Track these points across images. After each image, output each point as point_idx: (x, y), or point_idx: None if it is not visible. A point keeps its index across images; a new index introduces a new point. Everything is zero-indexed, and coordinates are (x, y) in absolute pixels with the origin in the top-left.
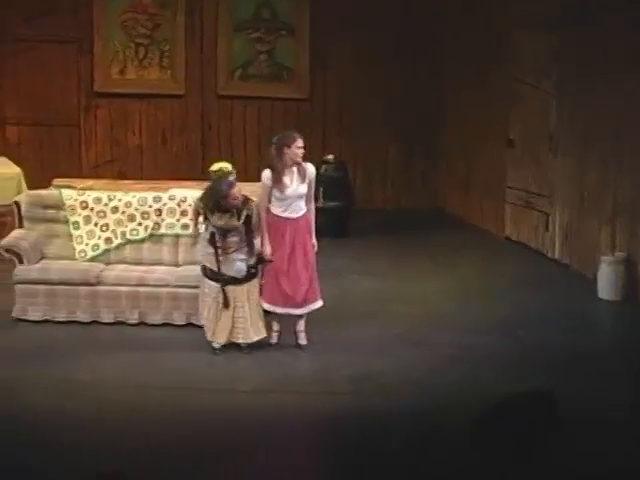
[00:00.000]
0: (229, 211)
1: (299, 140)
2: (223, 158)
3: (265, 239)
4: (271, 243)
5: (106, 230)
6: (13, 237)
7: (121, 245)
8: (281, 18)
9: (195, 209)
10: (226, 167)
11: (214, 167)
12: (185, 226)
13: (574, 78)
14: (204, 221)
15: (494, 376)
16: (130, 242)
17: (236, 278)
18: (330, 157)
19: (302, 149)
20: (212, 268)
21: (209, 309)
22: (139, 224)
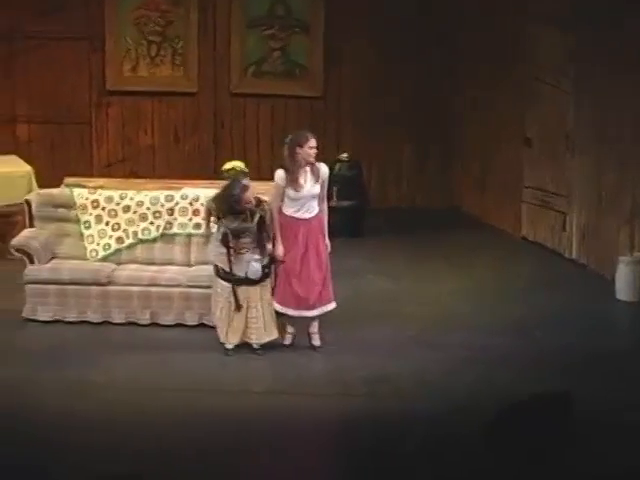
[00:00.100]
0: (242, 213)
1: (312, 140)
2: (236, 157)
3: (277, 240)
4: (284, 244)
5: (117, 229)
6: (24, 236)
7: (133, 245)
8: (295, 15)
9: (207, 209)
10: (239, 166)
11: (227, 166)
12: (197, 225)
13: (592, 77)
14: (216, 222)
15: (510, 378)
16: (142, 242)
17: (248, 279)
18: (344, 156)
19: (315, 149)
20: (224, 268)
21: (222, 309)
22: (151, 223)
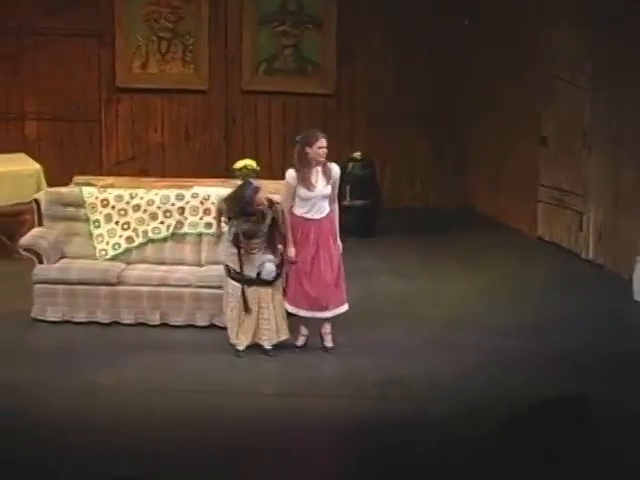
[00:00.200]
0: (254, 215)
1: (321, 140)
2: (247, 155)
3: (289, 240)
4: (295, 244)
5: (127, 229)
6: (32, 236)
7: (143, 244)
8: (307, 11)
9: (218, 209)
10: (250, 164)
11: (238, 165)
12: (208, 225)
13: (609, 73)
14: (227, 222)
15: (524, 380)
16: (152, 241)
17: (260, 279)
18: (357, 154)
19: (325, 149)
20: (235, 268)
21: (232, 310)
22: (161, 223)
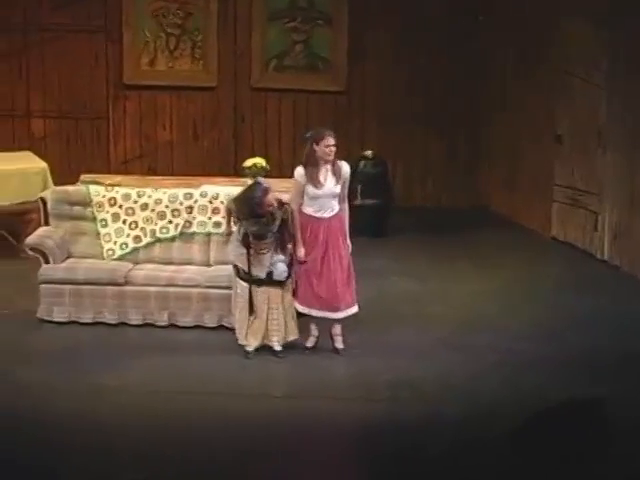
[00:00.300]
0: (263, 216)
1: (328, 138)
2: (256, 153)
3: (298, 240)
4: (304, 244)
5: (135, 228)
6: (38, 235)
7: (150, 244)
8: (318, 7)
9: (228, 209)
10: (260, 163)
11: (247, 163)
12: (217, 224)
13: (625, 70)
14: (236, 222)
15: (538, 382)
16: (160, 241)
17: (270, 279)
18: (368, 153)
19: (332, 147)
20: (244, 269)
21: (241, 311)
22: (169, 222)
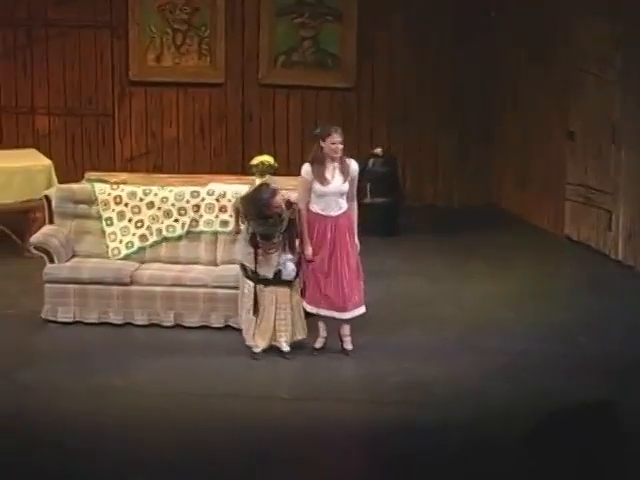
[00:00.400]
0: (271, 217)
1: (334, 135)
2: (264, 151)
3: (305, 239)
4: (311, 242)
5: (141, 227)
6: (43, 234)
7: (156, 243)
8: (327, 2)
9: (236, 208)
10: (268, 161)
11: (255, 161)
12: (224, 223)
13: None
14: (244, 221)
15: (551, 384)
16: (166, 239)
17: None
18: (378, 150)
19: (339, 144)
20: (252, 268)
21: (248, 311)
22: (176, 220)
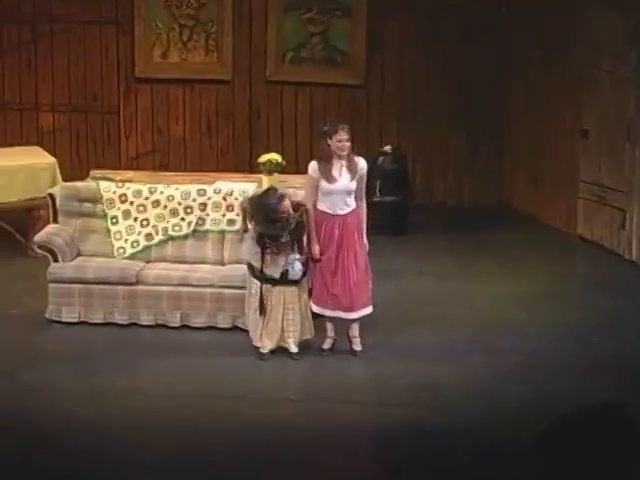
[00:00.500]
0: (279, 221)
1: (341, 132)
2: (272, 149)
3: (313, 238)
4: (319, 242)
5: (147, 225)
6: (47, 232)
7: (162, 242)
8: None
9: (243, 208)
10: (275, 158)
11: (263, 159)
12: (231, 222)
13: None
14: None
15: (564, 386)
16: (172, 238)
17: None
18: (388, 148)
19: (345, 142)
20: (258, 267)
21: (256, 311)
22: (182, 219)
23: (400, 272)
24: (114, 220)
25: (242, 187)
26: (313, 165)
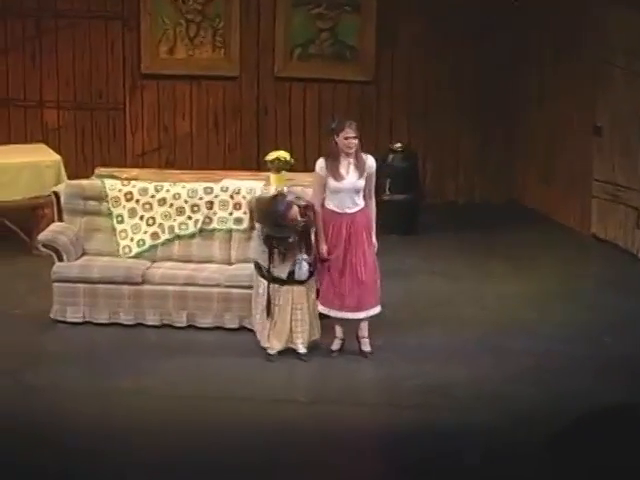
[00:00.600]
0: (287, 226)
1: (347, 130)
2: (280, 146)
3: (321, 238)
4: (326, 240)
5: (152, 224)
6: (51, 231)
7: (169, 241)
8: None
9: (250, 208)
10: (283, 156)
11: (270, 156)
12: (238, 220)
13: None
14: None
15: (576, 387)
16: (179, 237)
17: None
18: (398, 145)
19: (353, 140)
20: (265, 266)
21: (263, 312)
22: (188, 218)
23: (410, 272)
24: (119, 219)
25: (249, 185)
26: (320, 163)
